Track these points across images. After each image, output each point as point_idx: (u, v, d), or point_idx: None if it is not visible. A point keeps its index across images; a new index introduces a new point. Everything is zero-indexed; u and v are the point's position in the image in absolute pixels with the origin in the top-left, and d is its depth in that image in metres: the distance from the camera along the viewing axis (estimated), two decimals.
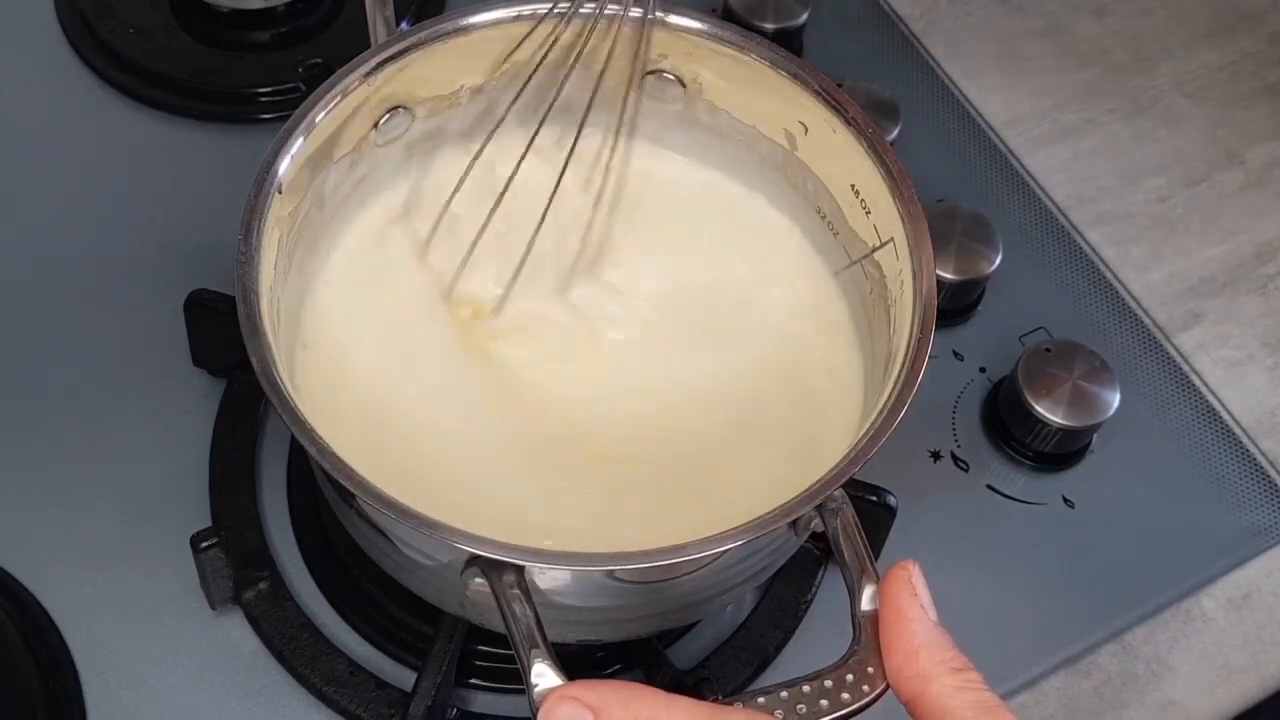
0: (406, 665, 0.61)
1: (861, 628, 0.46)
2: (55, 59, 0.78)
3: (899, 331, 0.54)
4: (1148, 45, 0.88)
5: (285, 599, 0.61)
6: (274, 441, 0.66)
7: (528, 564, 0.46)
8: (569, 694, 0.42)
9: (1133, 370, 0.73)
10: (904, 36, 0.86)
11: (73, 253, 0.71)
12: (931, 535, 0.67)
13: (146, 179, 0.74)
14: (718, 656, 0.62)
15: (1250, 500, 0.70)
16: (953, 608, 0.53)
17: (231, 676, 0.60)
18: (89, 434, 0.65)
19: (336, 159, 0.57)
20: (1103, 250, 0.78)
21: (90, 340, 0.68)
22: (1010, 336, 0.74)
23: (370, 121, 0.58)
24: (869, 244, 0.57)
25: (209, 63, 0.78)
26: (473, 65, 0.59)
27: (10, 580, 0.61)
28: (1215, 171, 0.83)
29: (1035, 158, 0.82)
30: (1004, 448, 0.70)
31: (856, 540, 0.48)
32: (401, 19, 0.79)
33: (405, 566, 0.53)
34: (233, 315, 0.50)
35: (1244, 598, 0.68)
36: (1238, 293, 0.78)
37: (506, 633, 0.46)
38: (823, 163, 0.60)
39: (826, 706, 0.44)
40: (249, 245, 0.51)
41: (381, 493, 0.47)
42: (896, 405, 0.50)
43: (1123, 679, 0.65)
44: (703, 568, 0.49)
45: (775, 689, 0.44)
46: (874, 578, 0.47)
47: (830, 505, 0.48)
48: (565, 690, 0.42)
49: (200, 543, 0.59)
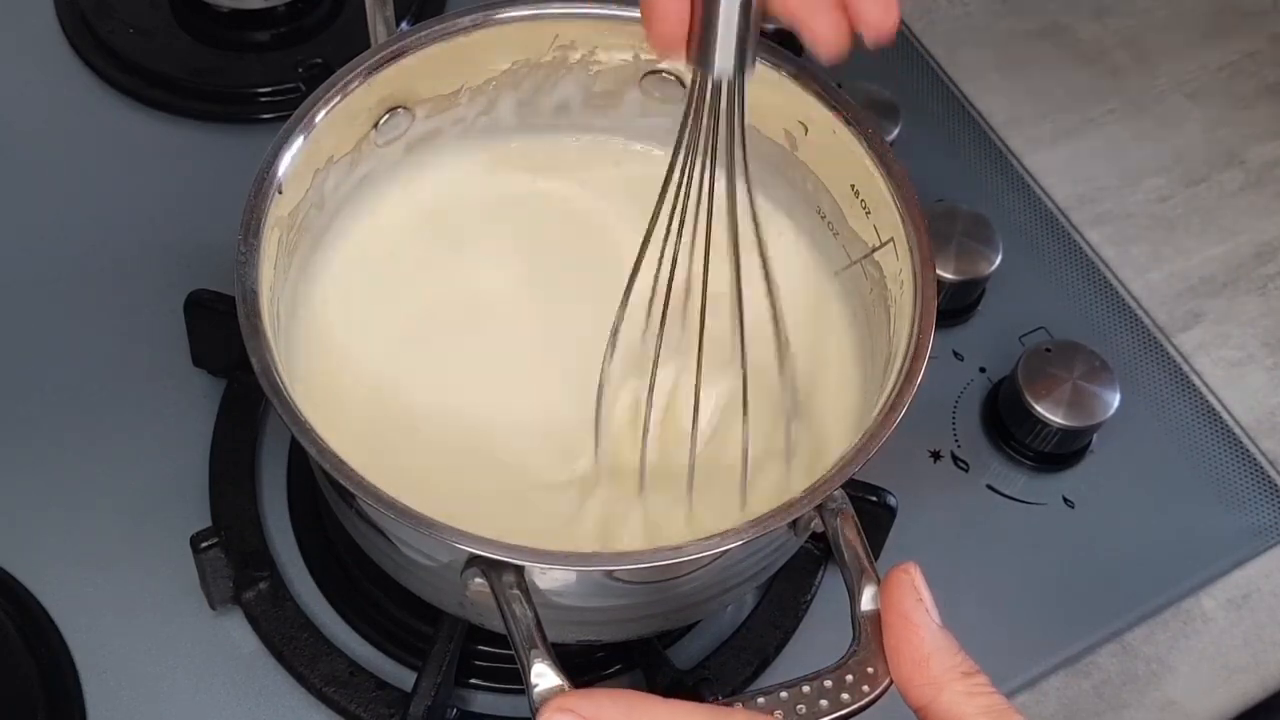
0: (406, 665, 0.61)
1: (861, 628, 0.46)
2: (55, 59, 0.78)
3: (899, 332, 0.54)
4: (1148, 45, 0.88)
5: (285, 599, 0.61)
6: (274, 441, 0.66)
7: (527, 564, 0.46)
8: (566, 704, 0.41)
9: (1133, 370, 0.73)
10: (904, 36, 0.86)
11: (73, 253, 0.71)
12: (931, 535, 0.67)
13: (146, 179, 0.74)
14: (718, 656, 0.62)
15: (1250, 500, 0.70)
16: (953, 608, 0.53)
17: (231, 676, 0.60)
18: (89, 434, 0.65)
19: (336, 159, 0.57)
20: (1103, 250, 0.78)
21: (90, 340, 0.68)
22: (1010, 336, 0.74)
23: (370, 122, 0.58)
24: (869, 244, 0.57)
25: (209, 63, 0.78)
26: (474, 65, 0.59)
27: (10, 580, 0.61)
28: (1215, 171, 0.83)
29: (1035, 158, 0.82)
30: (1004, 448, 0.70)
31: (856, 541, 0.48)
32: (401, 19, 0.79)
33: (405, 567, 0.53)
34: (233, 315, 0.50)
35: (1244, 598, 0.68)
36: (1238, 293, 0.78)
37: (506, 633, 0.46)
38: (823, 163, 0.59)
39: (826, 707, 0.44)
40: (249, 245, 0.51)
41: (381, 493, 0.47)
42: (896, 405, 0.50)
43: (1123, 679, 0.65)
44: (703, 568, 0.49)
45: (775, 689, 0.44)
46: (874, 578, 0.47)
47: (830, 505, 0.48)
48: (562, 701, 0.41)
49: (200, 543, 0.59)
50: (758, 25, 0.49)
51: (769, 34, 0.77)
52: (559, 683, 0.43)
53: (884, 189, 0.56)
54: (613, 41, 0.59)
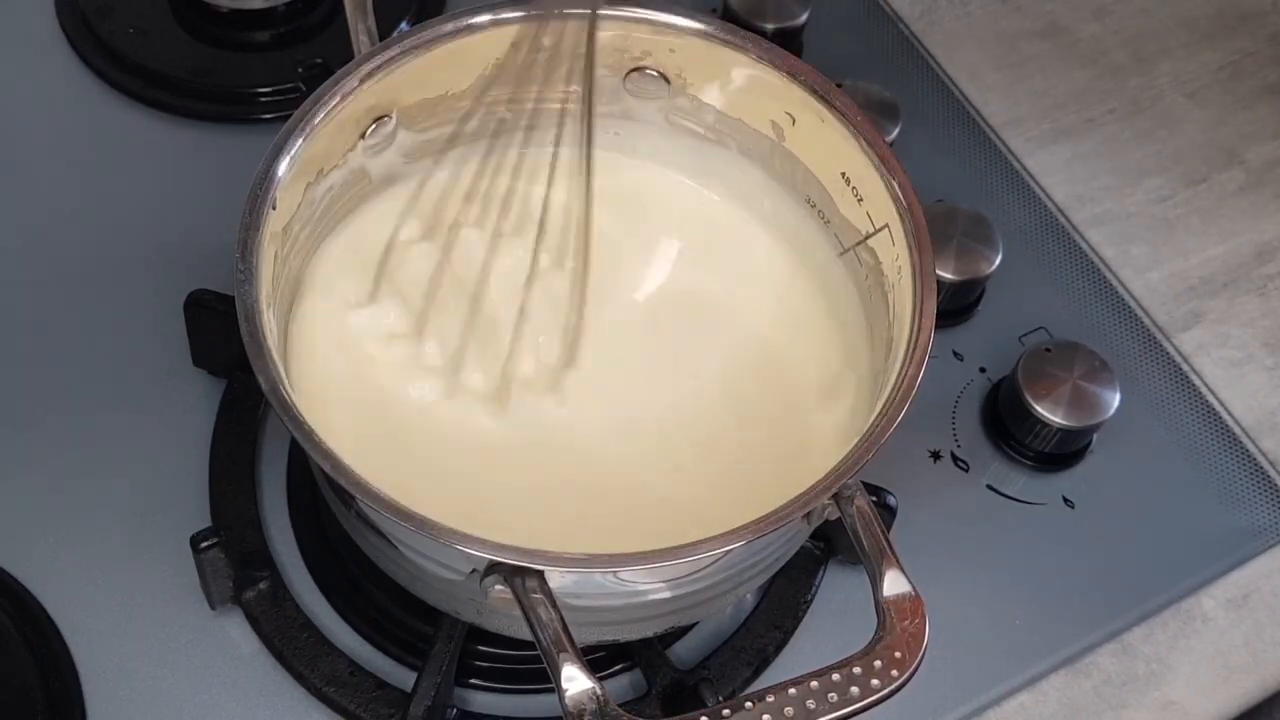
0: (406, 665, 0.61)
1: (885, 613, 0.46)
2: (55, 59, 0.78)
3: (900, 317, 0.54)
4: (1148, 45, 0.88)
5: (285, 599, 0.61)
6: (274, 441, 0.66)
7: (550, 568, 0.46)
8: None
9: (1133, 370, 0.73)
10: (904, 36, 0.86)
11: (73, 253, 0.71)
12: (931, 535, 0.67)
13: (146, 179, 0.74)
14: (718, 656, 0.62)
15: (1250, 500, 0.70)
16: (953, 608, 0.53)
17: (231, 676, 0.60)
18: (89, 434, 0.65)
19: (326, 171, 0.57)
20: (1103, 250, 0.78)
21: (90, 340, 0.68)
22: (1010, 336, 0.74)
23: (358, 132, 0.58)
24: (862, 231, 0.57)
25: (209, 63, 0.78)
26: (458, 71, 0.59)
27: (10, 580, 0.61)
28: (1215, 171, 0.83)
29: (1035, 158, 0.82)
30: (1004, 448, 0.70)
31: (875, 527, 0.48)
32: (401, 19, 0.79)
33: (419, 577, 0.53)
34: (233, 315, 0.50)
35: (1244, 598, 0.68)
36: (1238, 293, 0.78)
37: (533, 638, 0.45)
38: (811, 152, 0.60)
39: (857, 694, 0.44)
40: (247, 263, 0.51)
41: (407, 509, 0.46)
42: (907, 388, 0.50)
43: (1123, 679, 0.65)
44: (717, 562, 0.49)
45: (805, 679, 0.44)
46: (894, 563, 0.46)
47: (845, 494, 0.48)
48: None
49: (200, 543, 0.59)
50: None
51: (768, 34, 0.78)
52: (590, 685, 0.43)
53: (875, 176, 0.56)
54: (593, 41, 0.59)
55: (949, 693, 0.63)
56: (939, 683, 0.62)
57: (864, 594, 0.48)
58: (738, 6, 0.80)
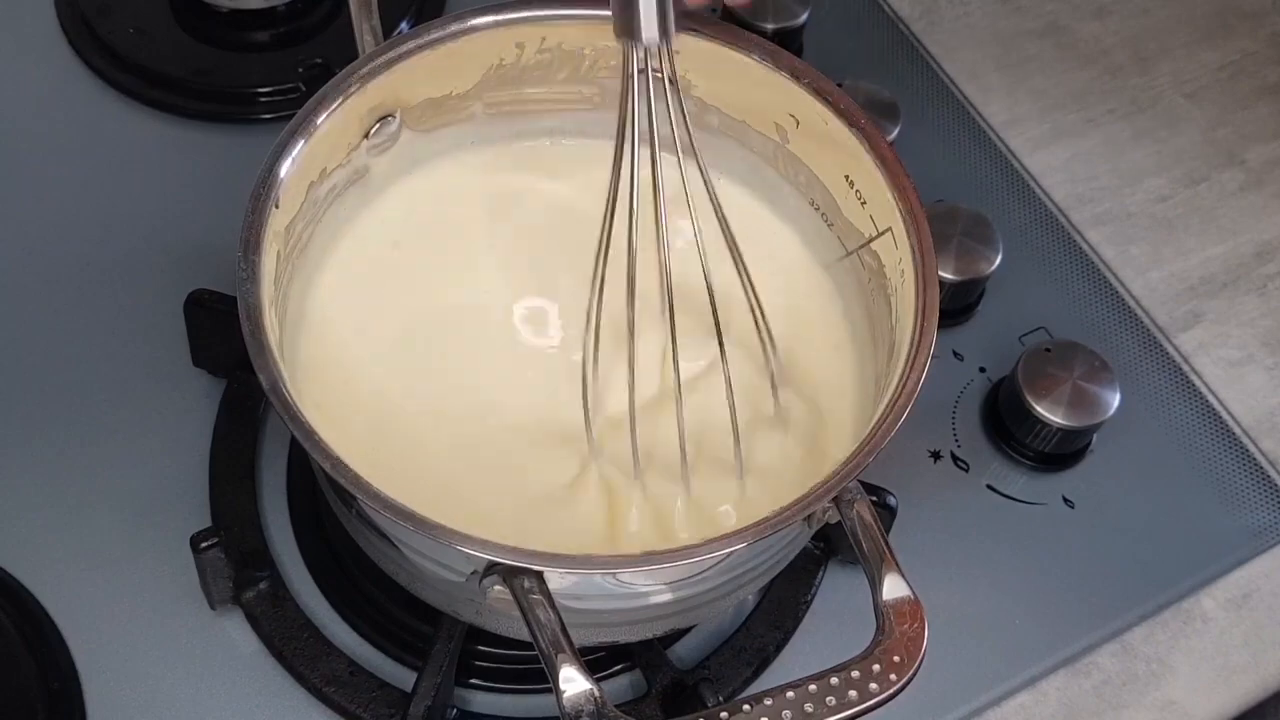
0: (406, 665, 0.61)
1: (885, 617, 0.45)
2: (55, 59, 0.78)
3: (902, 320, 0.54)
4: (1148, 45, 0.88)
5: (285, 599, 0.61)
6: (274, 441, 0.66)
7: (549, 569, 0.46)
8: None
9: (1133, 370, 0.73)
10: (904, 36, 0.86)
11: (73, 253, 0.71)
12: (931, 535, 0.67)
13: (146, 179, 0.74)
14: (718, 657, 0.62)
15: (1250, 500, 0.70)
16: (953, 608, 0.53)
17: (231, 676, 0.60)
18: (89, 434, 0.65)
19: (329, 170, 0.57)
20: (1103, 250, 0.78)
21: (90, 340, 0.68)
22: (1010, 336, 0.74)
23: (361, 131, 0.58)
24: (865, 234, 0.57)
25: (209, 63, 0.78)
26: (462, 70, 0.59)
27: (10, 580, 0.61)
28: (1215, 171, 0.83)
29: (1035, 158, 0.82)
30: (1004, 448, 0.70)
31: (875, 530, 0.48)
32: (402, 19, 0.79)
33: (419, 577, 0.53)
34: (233, 315, 0.50)
35: (1244, 598, 0.68)
36: (1238, 293, 0.78)
37: (531, 639, 0.45)
38: (815, 155, 0.60)
39: (855, 698, 0.44)
40: (249, 263, 0.51)
41: (407, 509, 0.46)
42: (908, 393, 0.50)
43: (1123, 679, 0.65)
44: (717, 564, 0.49)
45: (803, 682, 0.44)
46: (894, 567, 0.46)
47: (846, 497, 0.48)
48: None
49: (200, 543, 0.59)
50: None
51: (769, 34, 0.78)
52: (588, 687, 0.43)
53: (879, 179, 0.56)
54: (602, 43, 0.59)
55: (949, 693, 0.63)
56: (939, 683, 0.62)
57: (864, 593, 0.48)
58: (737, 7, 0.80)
